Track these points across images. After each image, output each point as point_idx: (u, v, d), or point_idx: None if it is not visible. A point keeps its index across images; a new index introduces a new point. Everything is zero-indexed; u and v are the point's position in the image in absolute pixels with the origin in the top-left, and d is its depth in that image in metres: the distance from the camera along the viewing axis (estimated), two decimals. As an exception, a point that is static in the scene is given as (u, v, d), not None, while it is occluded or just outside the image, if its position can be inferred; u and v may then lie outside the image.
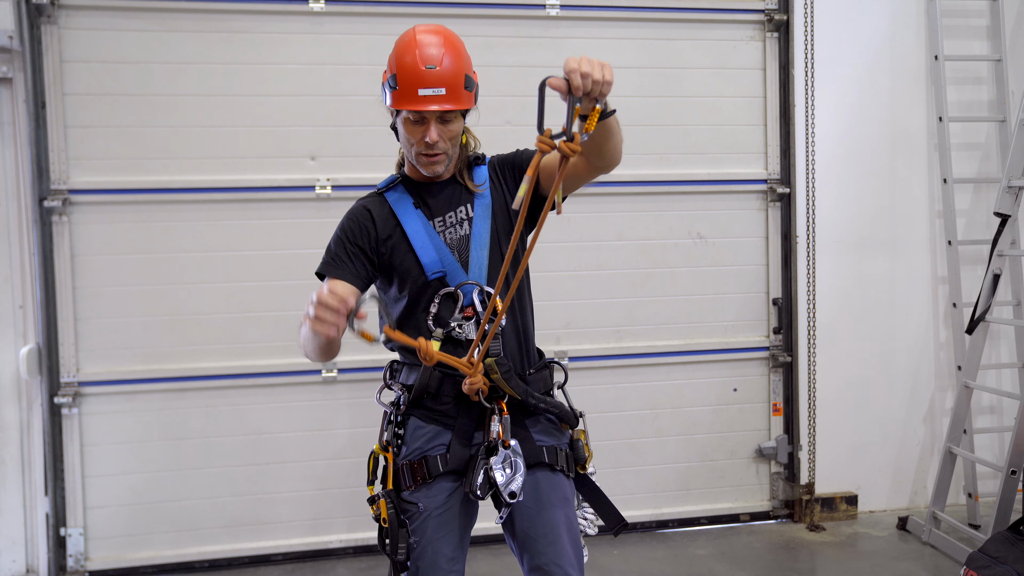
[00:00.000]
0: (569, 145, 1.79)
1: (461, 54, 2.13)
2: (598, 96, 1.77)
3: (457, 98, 2.08)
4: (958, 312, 4.40)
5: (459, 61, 2.10)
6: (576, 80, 1.73)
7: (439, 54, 2.07)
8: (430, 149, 2.12)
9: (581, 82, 1.73)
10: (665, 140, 4.30)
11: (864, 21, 4.45)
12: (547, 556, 2.12)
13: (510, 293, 2.03)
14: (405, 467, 2.17)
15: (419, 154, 2.14)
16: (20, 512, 3.94)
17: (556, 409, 2.23)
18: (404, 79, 2.07)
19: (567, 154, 1.80)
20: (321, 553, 4.10)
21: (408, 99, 2.07)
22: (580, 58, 1.75)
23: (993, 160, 4.59)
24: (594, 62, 1.75)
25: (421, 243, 2.18)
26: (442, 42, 2.10)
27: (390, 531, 2.13)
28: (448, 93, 2.06)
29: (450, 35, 2.14)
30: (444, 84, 2.06)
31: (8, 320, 3.88)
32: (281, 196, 4.00)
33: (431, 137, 2.09)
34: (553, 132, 1.79)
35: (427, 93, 2.05)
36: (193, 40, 3.91)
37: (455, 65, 2.08)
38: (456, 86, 2.08)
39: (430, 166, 2.16)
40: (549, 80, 1.76)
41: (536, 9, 4.15)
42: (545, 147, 1.79)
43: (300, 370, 4.02)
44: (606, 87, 1.76)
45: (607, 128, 1.97)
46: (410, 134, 2.12)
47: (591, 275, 4.27)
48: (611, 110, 1.89)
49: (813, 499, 4.44)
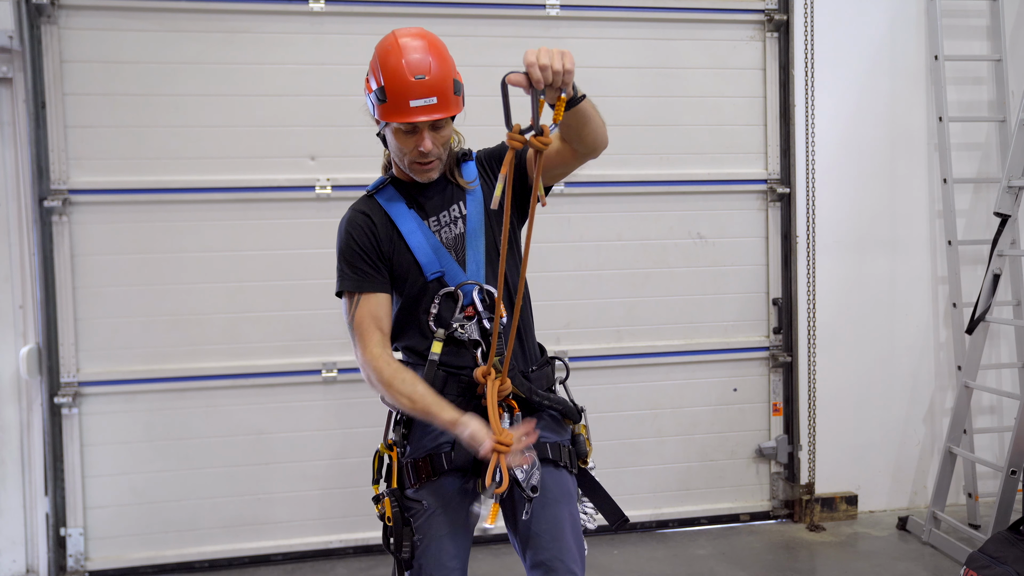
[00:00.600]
0: (539, 139, 1.79)
1: (447, 58, 2.09)
2: (561, 86, 1.76)
3: (448, 105, 2.05)
4: (958, 312, 4.40)
5: (446, 66, 2.06)
6: (536, 73, 1.73)
7: (426, 62, 2.02)
8: (424, 157, 2.10)
9: (540, 75, 1.73)
10: (665, 140, 4.30)
11: (864, 21, 4.45)
12: (550, 552, 2.12)
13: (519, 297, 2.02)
14: (410, 465, 2.17)
15: (412, 163, 2.12)
16: (20, 512, 3.94)
17: (559, 406, 2.24)
18: (393, 91, 2.02)
19: (538, 148, 1.80)
20: (321, 553, 4.10)
21: (399, 112, 2.03)
22: (538, 50, 1.74)
23: (993, 160, 4.59)
24: (553, 52, 1.74)
25: (418, 244, 2.16)
26: (427, 47, 2.05)
27: (394, 529, 2.13)
28: (439, 102, 2.03)
29: (433, 39, 2.10)
30: (435, 93, 2.02)
31: (8, 320, 3.88)
32: (281, 196, 4.00)
33: (425, 147, 2.07)
34: (523, 127, 1.78)
35: (418, 104, 2.01)
36: (193, 40, 3.91)
37: (443, 71, 2.04)
38: (446, 93, 2.04)
39: (424, 173, 2.15)
40: (508, 77, 1.75)
41: (536, 9, 4.14)
42: (516, 143, 1.79)
43: (300, 370, 4.03)
44: (567, 76, 1.76)
45: (582, 113, 1.96)
46: (402, 144, 2.10)
47: (591, 275, 4.27)
48: (580, 95, 1.88)
49: (813, 499, 4.44)
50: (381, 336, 2.14)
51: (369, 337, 2.13)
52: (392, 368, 2.10)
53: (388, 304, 2.18)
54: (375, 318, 2.14)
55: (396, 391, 2.07)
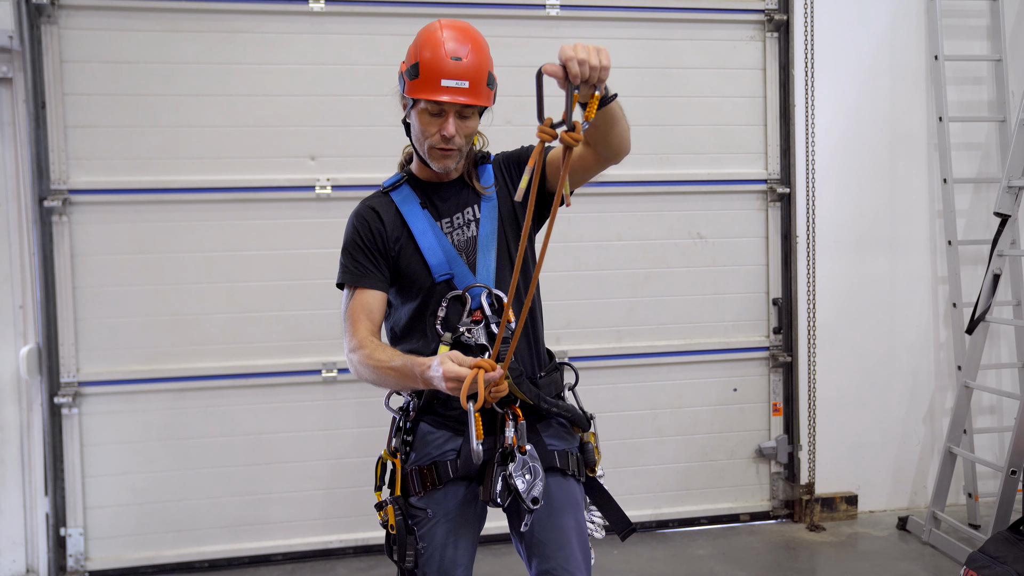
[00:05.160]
0: (571, 135, 1.75)
1: (485, 51, 2.08)
2: (596, 82, 1.74)
3: (479, 93, 2.03)
4: (958, 312, 4.40)
5: (484, 57, 2.05)
6: (574, 68, 1.70)
7: (465, 47, 2.02)
8: (446, 143, 2.07)
9: (579, 69, 1.70)
10: (665, 140, 4.30)
11: (864, 21, 4.45)
12: (556, 561, 2.10)
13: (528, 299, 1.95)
14: (414, 472, 2.14)
15: (432, 147, 2.09)
16: (20, 512, 3.94)
17: (568, 413, 2.19)
18: (427, 68, 2.00)
19: (570, 144, 1.76)
20: (321, 553, 4.10)
21: (429, 88, 2.00)
22: (575, 45, 1.72)
23: (993, 160, 4.59)
24: (590, 48, 1.72)
25: (428, 244, 2.13)
26: (468, 36, 2.05)
27: (398, 537, 2.09)
28: (471, 87, 2.01)
29: (475, 32, 2.09)
30: (468, 77, 2.00)
31: (8, 320, 3.88)
32: (281, 196, 4.00)
33: (448, 131, 2.04)
34: (554, 121, 1.75)
35: (450, 84, 1.99)
36: (193, 40, 3.91)
37: (480, 59, 2.03)
38: (479, 81, 2.03)
39: (443, 160, 2.11)
40: (545, 67, 1.73)
41: (536, 9, 4.14)
42: (547, 136, 1.75)
43: (300, 370, 4.03)
44: (604, 72, 1.73)
45: (611, 114, 1.94)
46: (426, 126, 2.07)
47: (591, 275, 4.27)
48: (612, 95, 1.86)
49: (813, 499, 4.44)
50: (370, 325, 2.13)
51: (359, 325, 2.12)
52: (375, 344, 2.08)
53: (382, 301, 2.17)
54: (368, 311, 2.14)
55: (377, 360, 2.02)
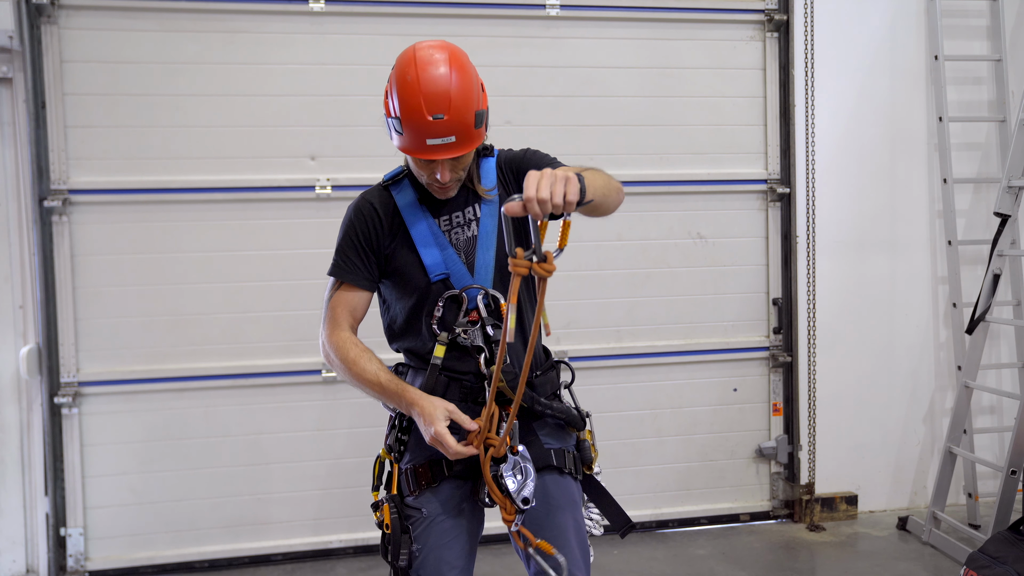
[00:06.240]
0: (543, 266, 1.71)
1: (470, 88, 1.98)
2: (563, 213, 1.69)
3: (466, 143, 1.99)
4: (958, 312, 4.40)
5: (468, 100, 1.96)
6: (534, 209, 1.64)
7: (446, 99, 1.93)
8: (441, 184, 2.08)
9: (539, 209, 1.64)
10: (665, 140, 4.30)
11: (864, 21, 4.45)
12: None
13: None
14: (409, 472, 2.13)
15: (430, 184, 2.10)
16: (20, 512, 3.94)
17: (563, 415, 2.18)
18: (411, 128, 1.96)
19: (543, 276, 1.73)
20: (321, 553, 4.10)
21: (416, 148, 1.99)
22: (539, 181, 1.65)
23: (993, 160, 4.59)
24: (557, 180, 1.65)
25: (424, 242, 2.12)
26: (448, 76, 1.94)
27: (392, 537, 2.08)
28: (458, 140, 1.96)
29: (456, 60, 1.99)
30: (453, 132, 1.95)
31: (8, 320, 3.88)
32: (281, 196, 4.00)
33: (443, 177, 2.03)
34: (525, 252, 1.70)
35: (436, 143, 1.96)
36: (193, 40, 3.91)
37: (464, 106, 1.95)
38: (466, 130, 1.97)
39: (442, 194, 2.12)
40: (506, 207, 1.68)
41: (536, 9, 4.14)
42: (521, 270, 1.72)
43: (300, 370, 4.03)
44: (569, 207, 1.67)
45: (592, 206, 1.85)
46: (420, 169, 2.07)
47: (591, 275, 4.27)
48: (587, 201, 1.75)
49: (813, 499, 4.44)
50: (352, 322, 2.17)
51: (340, 321, 2.15)
52: (359, 349, 2.11)
53: (366, 301, 2.19)
54: (351, 308, 2.16)
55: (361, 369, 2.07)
